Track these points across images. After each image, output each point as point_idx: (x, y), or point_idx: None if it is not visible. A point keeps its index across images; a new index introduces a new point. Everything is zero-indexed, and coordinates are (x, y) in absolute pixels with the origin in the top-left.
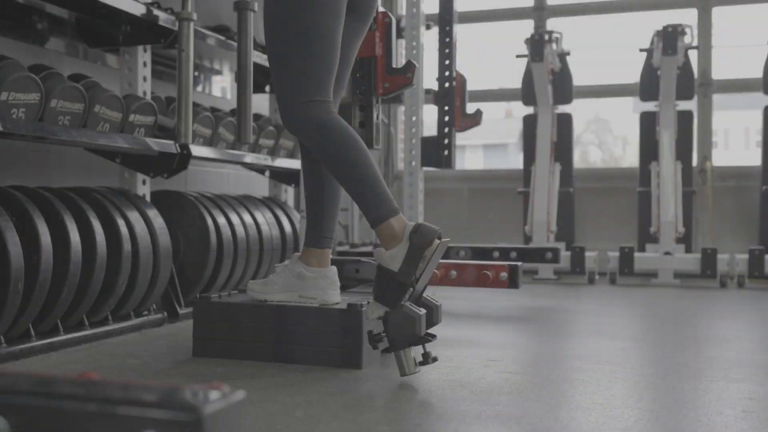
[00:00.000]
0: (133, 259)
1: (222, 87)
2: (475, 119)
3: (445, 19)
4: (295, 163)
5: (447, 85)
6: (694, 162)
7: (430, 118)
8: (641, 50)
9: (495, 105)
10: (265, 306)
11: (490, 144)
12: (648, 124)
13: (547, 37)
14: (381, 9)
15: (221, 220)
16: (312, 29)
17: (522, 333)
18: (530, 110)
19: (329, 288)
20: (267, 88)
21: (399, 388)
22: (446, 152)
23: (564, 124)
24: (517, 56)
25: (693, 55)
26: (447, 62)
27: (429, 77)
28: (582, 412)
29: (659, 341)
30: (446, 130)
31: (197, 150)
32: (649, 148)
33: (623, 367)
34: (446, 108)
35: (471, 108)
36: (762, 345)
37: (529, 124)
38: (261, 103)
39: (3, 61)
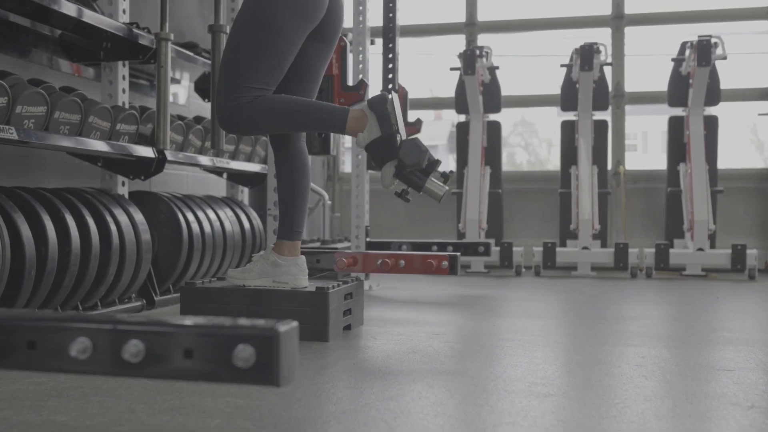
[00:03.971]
0: (120, 252)
1: (183, 95)
2: (416, 127)
3: (388, 34)
4: (252, 167)
5: None
6: (610, 166)
7: None
8: (562, 65)
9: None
10: (244, 290)
11: None
12: (568, 131)
13: (478, 52)
14: None
15: (191, 218)
16: (275, 30)
17: (460, 314)
18: (462, 118)
19: (299, 274)
20: None
21: (362, 354)
22: None
23: (493, 131)
24: (451, 69)
25: (608, 69)
26: (390, 75)
27: (373, 89)
28: (511, 368)
29: (575, 319)
30: None
31: (171, 154)
32: (569, 154)
33: (545, 337)
34: None
35: (411, 117)
36: (659, 321)
37: (462, 131)
38: None
39: (10, 77)
